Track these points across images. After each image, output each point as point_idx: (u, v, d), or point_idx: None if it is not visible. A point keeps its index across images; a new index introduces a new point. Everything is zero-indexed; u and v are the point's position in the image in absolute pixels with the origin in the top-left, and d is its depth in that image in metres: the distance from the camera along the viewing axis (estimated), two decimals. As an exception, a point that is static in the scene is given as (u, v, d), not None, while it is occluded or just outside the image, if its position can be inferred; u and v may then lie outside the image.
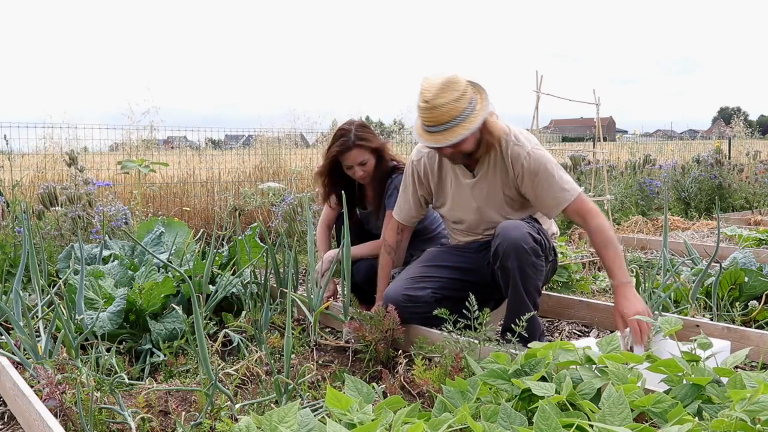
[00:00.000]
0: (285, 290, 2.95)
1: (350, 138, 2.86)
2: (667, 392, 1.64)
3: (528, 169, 2.49)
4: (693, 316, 2.87)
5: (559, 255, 3.80)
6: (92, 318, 2.47)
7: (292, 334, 2.40)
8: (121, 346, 2.61)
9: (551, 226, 2.82)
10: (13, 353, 2.28)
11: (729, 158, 9.78)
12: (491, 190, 2.60)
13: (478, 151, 2.53)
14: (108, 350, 2.39)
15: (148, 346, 2.58)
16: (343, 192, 2.80)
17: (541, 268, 2.49)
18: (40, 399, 1.86)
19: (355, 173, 2.92)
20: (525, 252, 2.40)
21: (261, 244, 3.36)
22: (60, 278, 3.12)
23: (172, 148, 8.91)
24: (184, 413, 1.93)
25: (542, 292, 3.35)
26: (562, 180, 2.48)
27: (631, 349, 2.22)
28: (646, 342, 2.24)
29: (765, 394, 1.40)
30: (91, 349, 2.36)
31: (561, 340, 2.42)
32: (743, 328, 2.60)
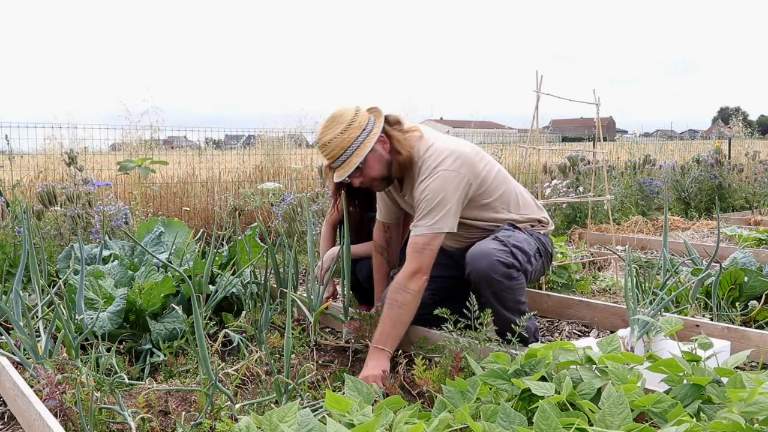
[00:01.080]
0: (285, 290, 2.95)
1: None
2: (667, 392, 1.64)
3: (416, 196, 2.43)
4: (693, 316, 2.87)
5: (559, 255, 3.80)
6: (92, 318, 2.47)
7: (292, 334, 2.40)
8: (121, 346, 2.61)
9: (535, 213, 2.75)
10: (13, 353, 2.28)
11: (729, 158, 9.78)
12: None
13: (393, 172, 2.49)
14: (108, 350, 2.39)
15: (148, 346, 2.58)
16: (344, 192, 2.79)
17: (518, 286, 2.48)
18: (40, 399, 1.86)
19: None
20: (495, 281, 2.40)
21: (261, 244, 3.36)
22: (60, 278, 3.12)
23: (173, 148, 8.91)
24: (184, 413, 1.93)
25: (542, 291, 3.37)
26: (425, 217, 2.38)
27: None
28: None
29: (762, 395, 1.40)
30: (91, 349, 2.36)
31: (561, 340, 2.42)
32: (743, 328, 2.60)
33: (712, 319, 2.85)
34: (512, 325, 2.17)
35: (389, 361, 2.28)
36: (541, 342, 2.69)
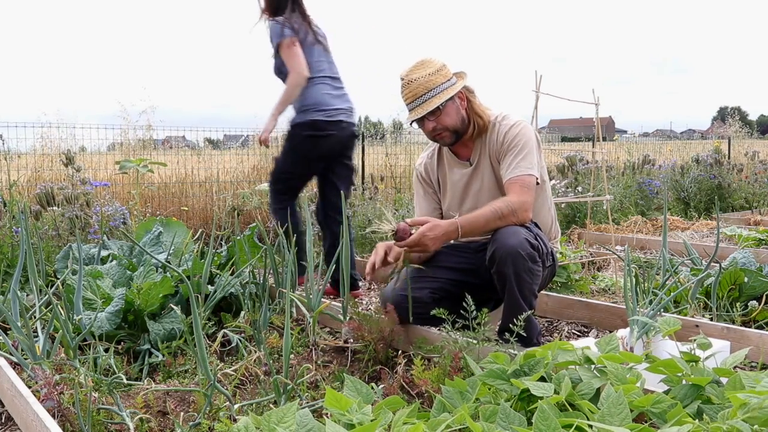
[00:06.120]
0: (284, 290, 2.95)
1: None
2: (666, 392, 1.63)
3: (506, 138, 2.57)
4: (692, 317, 2.86)
5: (559, 255, 3.80)
6: (90, 318, 2.46)
7: (291, 334, 2.39)
8: (120, 347, 2.60)
9: (551, 229, 2.80)
10: (10, 354, 2.27)
11: (729, 158, 9.78)
12: (488, 177, 2.64)
13: (468, 131, 2.61)
14: (106, 350, 2.39)
15: (147, 346, 2.58)
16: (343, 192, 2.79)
17: (537, 273, 2.48)
18: (38, 400, 1.85)
19: None
20: (522, 258, 2.39)
21: (260, 244, 3.35)
22: (58, 278, 3.11)
23: (171, 147, 8.90)
24: (182, 414, 1.92)
25: (542, 291, 3.36)
26: (524, 159, 2.53)
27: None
28: (402, 243, 2.37)
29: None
30: (90, 349, 2.35)
31: (560, 340, 2.42)
32: (743, 328, 2.60)
33: (711, 320, 2.85)
34: (515, 319, 2.16)
35: (449, 235, 2.43)
36: (541, 342, 2.69)
